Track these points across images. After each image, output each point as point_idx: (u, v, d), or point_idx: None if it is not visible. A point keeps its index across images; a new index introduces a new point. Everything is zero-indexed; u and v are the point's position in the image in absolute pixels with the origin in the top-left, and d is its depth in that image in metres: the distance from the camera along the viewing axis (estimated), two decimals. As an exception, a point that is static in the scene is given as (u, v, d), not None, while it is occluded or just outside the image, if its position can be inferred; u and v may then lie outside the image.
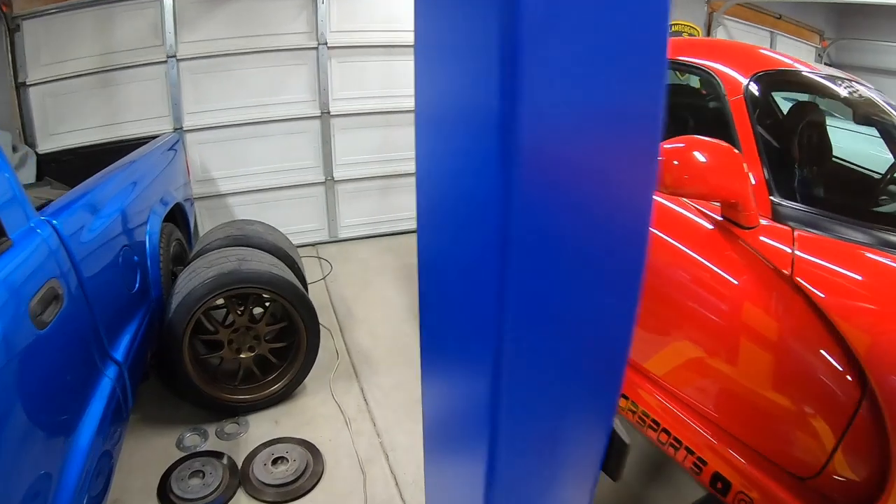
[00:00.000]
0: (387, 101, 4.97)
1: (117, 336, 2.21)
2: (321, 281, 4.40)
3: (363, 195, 5.17)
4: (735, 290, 1.85)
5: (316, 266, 4.65)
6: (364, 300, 4.14)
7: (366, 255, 4.96)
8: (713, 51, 2.58)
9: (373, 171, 5.13)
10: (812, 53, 9.07)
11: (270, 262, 2.87)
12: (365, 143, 5.03)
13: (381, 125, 5.05)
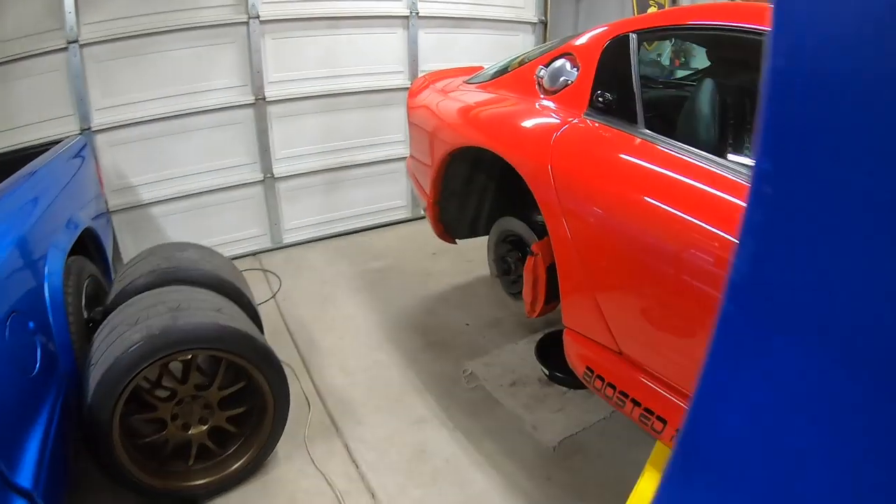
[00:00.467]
0: (331, 82, 4.35)
1: (18, 452, 1.56)
2: (271, 300, 3.78)
3: (308, 192, 4.55)
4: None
5: (262, 281, 4.02)
6: (325, 323, 3.57)
7: (317, 262, 4.35)
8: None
9: (318, 164, 4.50)
10: None
11: (214, 306, 2.22)
12: (307, 132, 4.40)
13: (326, 110, 4.42)
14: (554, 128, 2.33)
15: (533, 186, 2.30)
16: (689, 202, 1.79)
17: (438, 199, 3.19)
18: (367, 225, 4.92)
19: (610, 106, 2.29)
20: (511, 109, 2.69)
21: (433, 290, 4.06)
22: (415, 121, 3.37)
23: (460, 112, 2.93)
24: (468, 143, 2.76)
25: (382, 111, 4.70)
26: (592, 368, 2.19)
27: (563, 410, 2.89)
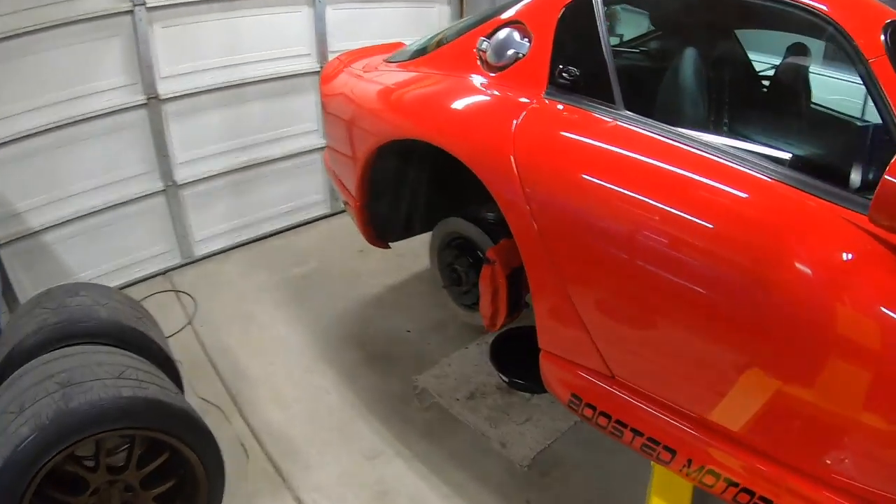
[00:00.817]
0: (231, 72, 3.90)
1: None
2: (187, 327, 3.37)
3: (217, 197, 4.11)
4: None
5: (174, 305, 3.60)
6: (251, 347, 3.23)
7: (234, 275, 3.95)
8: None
9: (224, 165, 4.06)
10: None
11: (114, 370, 1.84)
12: (209, 129, 3.95)
13: (228, 103, 3.97)
14: (512, 113, 2.00)
15: (490, 183, 1.99)
16: (697, 199, 1.60)
17: (367, 201, 2.84)
18: (284, 226, 4.54)
19: (577, 83, 2.00)
20: (451, 92, 2.34)
21: (365, 293, 3.78)
22: (332, 110, 2.98)
23: (387, 99, 2.58)
24: (401, 135, 2.41)
25: (290, 100, 4.30)
26: (580, 396, 1.95)
27: (531, 420, 2.69)
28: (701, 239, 1.56)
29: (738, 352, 1.58)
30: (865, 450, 1.48)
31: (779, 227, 1.51)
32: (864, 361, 1.38)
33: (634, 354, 1.84)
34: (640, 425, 1.82)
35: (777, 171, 1.58)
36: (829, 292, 1.40)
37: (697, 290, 1.57)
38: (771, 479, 1.58)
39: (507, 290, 2.34)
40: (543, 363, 2.06)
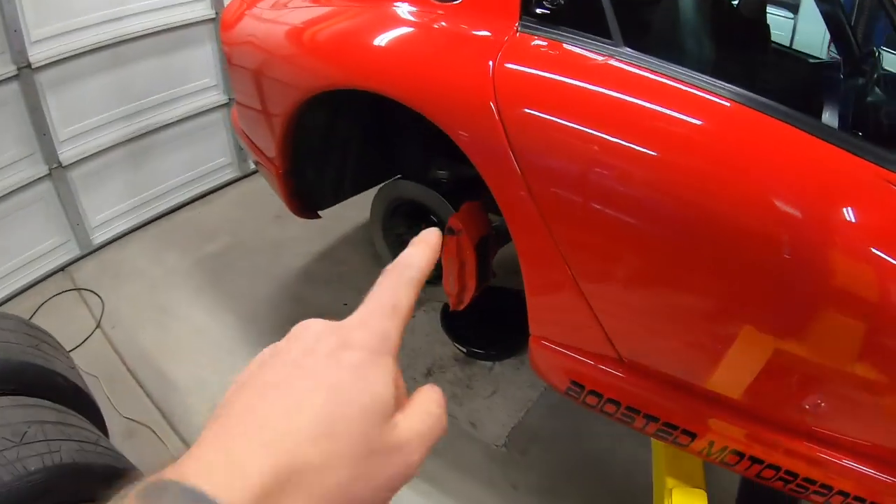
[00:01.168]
0: (113, 27, 3.38)
1: None
2: (96, 331, 2.99)
3: (111, 174, 3.64)
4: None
5: (79, 306, 3.18)
6: (172, 346, 2.92)
7: (141, 261, 3.54)
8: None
9: (115, 136, 3.57)
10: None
11: (14, 434, 1.47)
12: (94, 97, 3.44)
13: (112, 65, 3.46)
14: (485, 51, 1.67)
15: (464, 139, 1.70)
16: (724, 154, 1.44)
17: (290, 167, 2.49)
18: (190, 196, 4.12)
19: (560, 13, 1.69)
20: (399, 26, 1.95)
21: (291, 266, 3.51)
22: (239, 62, 2.54)
23: (313, 42, 2.16)
24: (334, 85, 2.03)
25: (183, 53, 3.83)
26: (581, 383, 1.77)
27: (498, 392, 2.62)
28: (731, 197, 1.40)
29: (772, 318, 1.48)
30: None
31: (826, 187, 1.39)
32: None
33: (650, 331, 1.69)
34: (654, 410, 1.69)
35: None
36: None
37: (730, 250, 1.43)
38: (797, 453, 1.54)
39: (475, 263, 2.11)
40: (535, 350, 1.86)
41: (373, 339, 0.41)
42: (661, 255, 1.54)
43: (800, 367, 1.50)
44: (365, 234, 3.85)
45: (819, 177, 1.40)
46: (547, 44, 1.66)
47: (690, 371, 1.63)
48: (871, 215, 1.34)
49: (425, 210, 2.46)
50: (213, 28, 3.90)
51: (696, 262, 1.50)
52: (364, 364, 0.39)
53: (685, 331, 1.63)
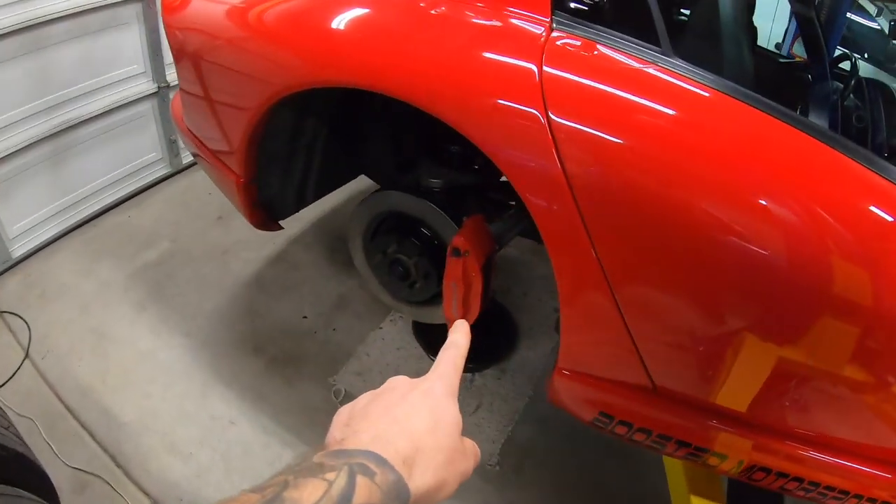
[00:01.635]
0: (28, 7, 2.98)
1: None
2: (25, 363, 2.62)
3: (30, 176, 3.24)
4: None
5: (1, 333, 2.79)
6: (115, 376, 2.60)
7: (70, 275, 3.16)
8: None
9: (34, 133, 3.16)
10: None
11: None
12: (8, 89, 3.04)
13: (28, 51, 3.06)
14: (528, 53, 1.46)
15: (504, 161, 1.49)
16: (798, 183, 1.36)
17: (254, 175, 2.21)
18: (119, 197, 3.75)
19: (599, 9, 1.56)
20: (415, 19, 1.69)
21: (240, 274, 3.24)
22: (191, 53, 2.19)
23: (294, 29, 1.83)
24: (323, 81, 1.76)
25: (108, 36, 3.44)
26: (611, 414, 1.71)
27: (482, 406, 2.55)
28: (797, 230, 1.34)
29: (808, 341, 1.47)
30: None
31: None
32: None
33: (690, 360, 1.62)
34: (686, 436, 1.69)
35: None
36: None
37: (782, 285, 1.37)
38: (819, 466, 1.62)
39: (482, 285, 1.92)
40: (560, 382, 1.75)
41: (448, 386, 0.70)
42: (710, 279, 1.45)
43: (807, 376, 1.53)
44: (316, 234, 3.62)
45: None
46: (582, 44, 1.48)
47: (724, 395, 1.60)
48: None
49: (415, 223, 2.21)
50: (140, 8, 3.53)
51: (747, 288, 1.43)
52: (445, 399, 0.67)
53: (726, 357, 1.54)
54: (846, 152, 1.36)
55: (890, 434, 1.57)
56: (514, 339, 2.93)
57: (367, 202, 2.25)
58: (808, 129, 1.38)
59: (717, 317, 1.51)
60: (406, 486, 0.54)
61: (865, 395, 1.51)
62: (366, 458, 0.53)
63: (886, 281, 1.33)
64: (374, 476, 0.51)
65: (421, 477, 0.56)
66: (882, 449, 1.58)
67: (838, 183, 1.38)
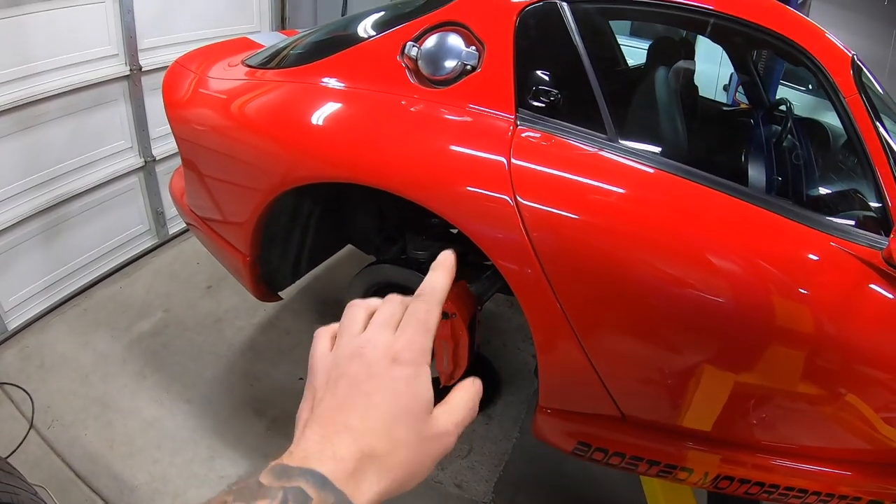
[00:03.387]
0: (23, 86, 3.34)
1: None
2: (31, 433, 2.90)
3: (23, 250, 3.57)
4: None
5: (4, 404, 3.07)
6: (121, 443, 2.88)
7: (67, 346, 3.47)
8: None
9: (26, 208, 3.51)
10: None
11: None
12: (2, 166, 3.38)
13: (22, 127, 3.41)
14: (498, 144, 1.90)
15: (479, 236, 1.91)
16: (726, 244, 1.82)
17: (259, 252, 2.59)
18: (109, 269, 4.10)
19: (555, 106, 1.97)
20: (401, 119, 2.14)
21: (234, 341, 3.56)
22: (198, 142, 2.59)
23: (299, 130, 2.24)
24: (327, 177, 2.18)
25: (96, 113, 3.83)
26: (588, 443, 2.12)
27: (474, 450, 2.86)
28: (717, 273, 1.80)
29: (753, 371, 1.93)
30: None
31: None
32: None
33: (649, 390, 2.07)
34: (655, 455, 2.10)
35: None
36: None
37: (728, 331, 1.85)
38: (773, 469, 2.04)
39: (468, 342, 2.28)
40: (542, 420, 2.18)
41: (416, 355, 0.63)
42: (659, 322, 1.88)
43: (762, 395, 1.98)
44: (304, 301, 3.98)
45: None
46: (541, 136, 1.93)
47: (684, 417, 2.01)
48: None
49: (405, 291, 2.57)
50: (127, 85, 3.95)
51: (691, 328, 1.88)
52: (411, 377, 0.62)
53: (682, 386, 1.98)
54: (769, 207, 1.82)
55: (838, 436, 1.98)
56: (498, 387, 3.28)
57: (361, 275, 2.65)
58: (736, 192, 1.84)
59: (670, 354, 1.94)
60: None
61: (812, 405, 1.92)
62: (304, 480, 0.52)
63: (819, 309, 1.76)
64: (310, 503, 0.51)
65: (376, 483, 0.56)
66: (833, 450, 1.99)
67: (765, 234, 1.82)
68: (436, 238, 2.58)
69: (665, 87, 2.40)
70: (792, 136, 2.63)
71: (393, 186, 2.01)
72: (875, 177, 1.82)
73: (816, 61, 1.94)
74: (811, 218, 1.83)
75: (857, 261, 1.75)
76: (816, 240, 1.79)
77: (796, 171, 2.38)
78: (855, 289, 1.77)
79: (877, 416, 1.87)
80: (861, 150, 1.86)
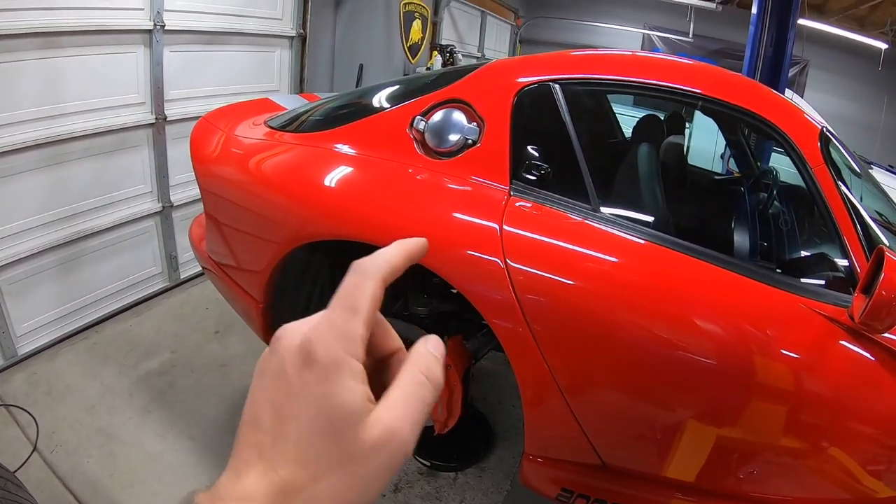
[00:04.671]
0: (53, 124, 3.62)
1: None
2: (34, 455, 3.06)
3: (40, 280, 3.80)
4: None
5: (8, 426, 3.24)
6: (123, 473, 3.01)
7: (74, 376, 3.66)
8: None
9: (46, 240, 3.75)
10: (508, 31, 12.78)
11: None
12: (27, 197, 3.62)
13: (48, 163, 3.68)
14: (492, 212, 2.15)
15: (476, 295, 2.13)
16: (703, 307, 2.00)
17: (271, 300, 2.80)
18: (120, 306, 4.33)
19: (545, 178, 2.22)
20: (399, 182, 2.38)
21: (240, 385, 3.72)
22: (220, 193, 2.83)
23: (317, 192, 2.47)
24: (338, 235, 2.38)
25: (120, 157, 4.12)
26: (571, 489, 2.28)
27: (465, 500, 2.99)
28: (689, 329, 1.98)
29: (729, 421, 2.08)
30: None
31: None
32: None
33: (628, 439, 2.22)
34: (635, 502, 2.24)
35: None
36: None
37: (706, 386, 2.02)
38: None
39: (462, 392, 2.51)
40: (527, 466, 2.34)
41: (334, 345, 0.51)
42: (640, 379, 2.06)
43: (742, 448, 2.11)
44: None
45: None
46: (532, 206, 2.17)
47: (664, 467, 2.15)
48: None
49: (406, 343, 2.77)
50: (151, 133, 4.24)
51: (671, 385, 2.05)
52: (328, 379, 0.50)
53: (659, 438, 2.15)
54: (742, 272, 2.03)
55: (818, 487, 2.10)
56: (491, 441, 3.44)
57: (367, 326, 2.86)
58: (711, 259, 2.04)
59: (649, 408, 2.11)
60: None
61: (791, 457, 2.05)
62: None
63: (797, 365, 1.93)
64: None
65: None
66: (814, 500, 2.11)
67: (741, 298, 2.01)
68: (435, 296, 2.79)
69: (647, 162, 2.64)
70: (778, 203, 2.86)
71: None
72: (841, 240, 2.02)
73: (784, 134, 2.15)
74: (784, 282, 2.02)
75: (826, 319, 1.93)
76: (788, 300, 1.97)
77: (780, 235, 2.60)
78: (824, 345, 1.94)
79: (856, 467, 1.99)
80: (828, 216, 2.05)
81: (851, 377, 1.93)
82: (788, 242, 2.57)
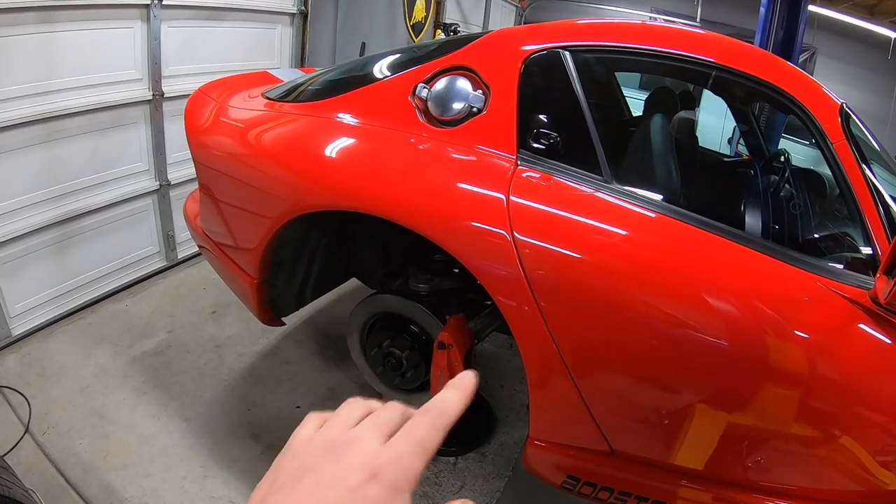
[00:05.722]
0: (47, 100, 3.53)
1: None
2: (26, 437, 2.99)
3: (35, 258, 3.72)
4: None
5: (0, 407, 3.17)
6: (116, 455, 2.95)
7: (69, 357, 3.58)
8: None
9: (42, 219, 3.67)
10: (513, 12, 12.32)
11: None
12: (21, 174, 3.53)
13: (43, 140, 3.58)
14: (499, 182, 2.04)
15: (481, 270, 2.02)
16: (714, 282, 1.89)
17: (267, 276, 2.72)
18: (117, 286, 4.25)
19: (554, 148, 2.11)
20: (411, 155, 2.28)
21: (235, 367, 3.65)
22: (216, 170, 2.74)
23: (313, 161, 2.39)
24: (335, 206, 2.29)
25: (116, 134, 4.02)
26: (577, 476, 2.18)
27: (465, 486, 2.91)
28: (718, 321, 1.87)
29: (740, 407, 1.97)
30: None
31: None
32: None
33: (639, 425, 2.12)
34: (644, 492, 2.13)
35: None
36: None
37: (719, 369, 1.90)
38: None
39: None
40: (531, 451, 2.24)
41: (400, 477, 0.53)
42: (651, 360, 1.95)
43: (754, 434, 1.99)
44: (307, 332, 4.09)
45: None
46: (540, 176, 2.06)
47: (674, 454, 2.05)
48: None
49: (406, 321, 2.71)
50: (148, 110, 4.14)
51: (683, 367, 1.94)
52: (384, 502, 0.51)
53: (671, 423, 2.04)
54: (760, 249, 1.92)
55: (830, 477, 2.00)
56: (493, 425, 3.36)
57: (364, 304, 2.77)
58: (728, 235, 1.93)
59: (660, 392, 2.01)
60: None
61: (803, 445, 1.95)
62: None
63: (809, 348, 1.83)
64: None
65: None
66: (825, 491, 2.02)
67: (758, 275, 1.90)
68: (437, 273, 2.70)
69: (660, 133, 2.53)
70: (789, 186, 2.75)
71: (397, 216, 2.14)
72: (863, 219, 1.91)
73: (805, 108, 2.04)
74: (801, 259, 1.90)
75: (846, 300, 1.82)
76: (806, 280, 1.86)
77: (792, 218, 2.49)
78: (844, 327, 1.84)
79: (869, 458, 1.90)
80: (849, 194, 1.94)
81: (871, 362, 1.82)
82: (802, 225, 2.47)
